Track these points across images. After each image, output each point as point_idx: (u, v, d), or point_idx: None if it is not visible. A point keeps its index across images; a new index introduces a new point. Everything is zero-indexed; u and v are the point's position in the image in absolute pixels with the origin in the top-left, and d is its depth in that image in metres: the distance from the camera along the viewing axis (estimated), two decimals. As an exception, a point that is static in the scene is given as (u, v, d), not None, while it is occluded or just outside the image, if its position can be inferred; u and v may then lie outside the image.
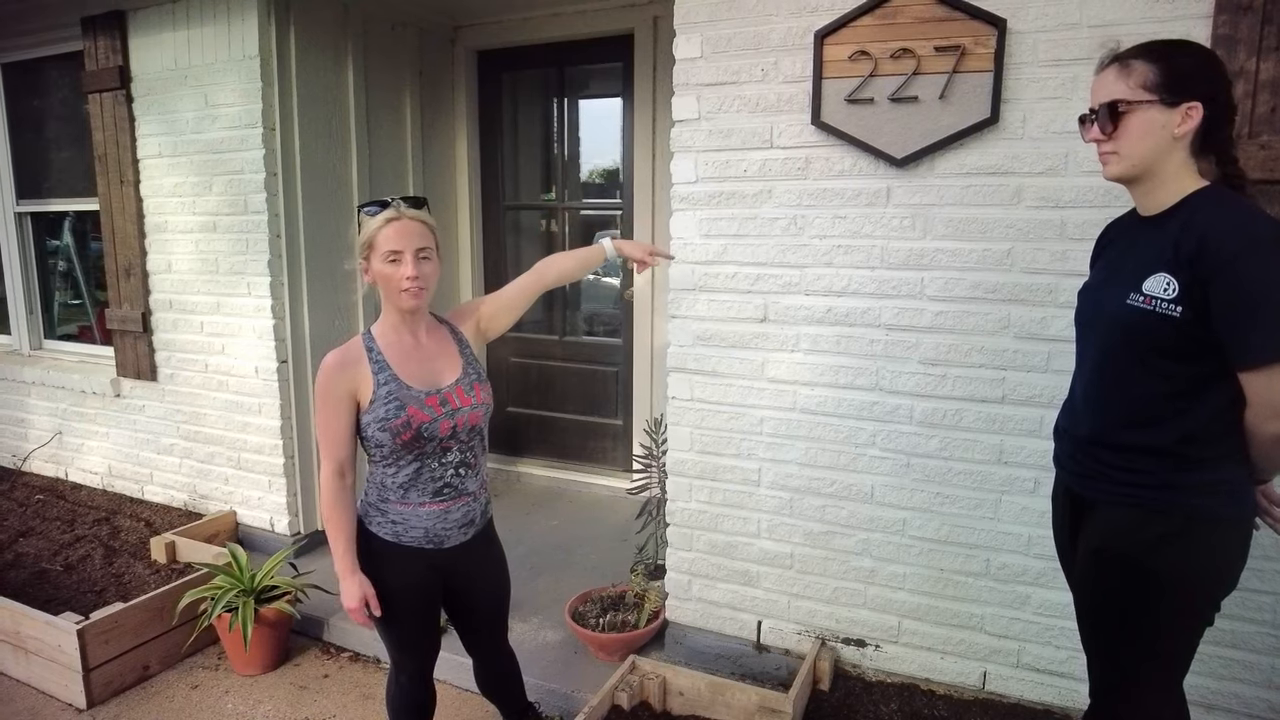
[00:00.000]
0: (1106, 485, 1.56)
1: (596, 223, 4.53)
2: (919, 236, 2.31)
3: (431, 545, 1.87)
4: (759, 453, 2.58)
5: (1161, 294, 1.42)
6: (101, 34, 3.66)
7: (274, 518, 3.63)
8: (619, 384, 4.33)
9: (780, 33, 2.37)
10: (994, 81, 2.15)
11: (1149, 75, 1.44)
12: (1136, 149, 1.47)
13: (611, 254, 2.10)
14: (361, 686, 2.82)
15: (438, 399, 1.83)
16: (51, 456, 4.44)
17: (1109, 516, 1.56)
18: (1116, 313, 1.50)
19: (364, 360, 1.81)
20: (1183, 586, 1.48)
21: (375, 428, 1.79)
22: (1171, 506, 1.47)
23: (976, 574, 2.39)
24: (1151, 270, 1.45)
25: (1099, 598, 1.59)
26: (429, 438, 1.80)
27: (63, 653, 2.69)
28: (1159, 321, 1.43)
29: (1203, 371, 1.43)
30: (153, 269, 3.77)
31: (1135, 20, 2.01)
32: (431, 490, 1.85)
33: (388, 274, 1.79)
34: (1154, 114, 1.44)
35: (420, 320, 1.90)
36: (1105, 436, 1.56)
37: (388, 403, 1.78)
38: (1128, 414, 1.52)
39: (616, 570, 3.27)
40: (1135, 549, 1.50)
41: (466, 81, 4.36)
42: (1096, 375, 1.58)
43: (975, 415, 2.32)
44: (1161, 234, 1.47)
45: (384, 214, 1.79)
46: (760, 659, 2.67)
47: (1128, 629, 1.54)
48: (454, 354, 1.92)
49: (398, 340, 1.86)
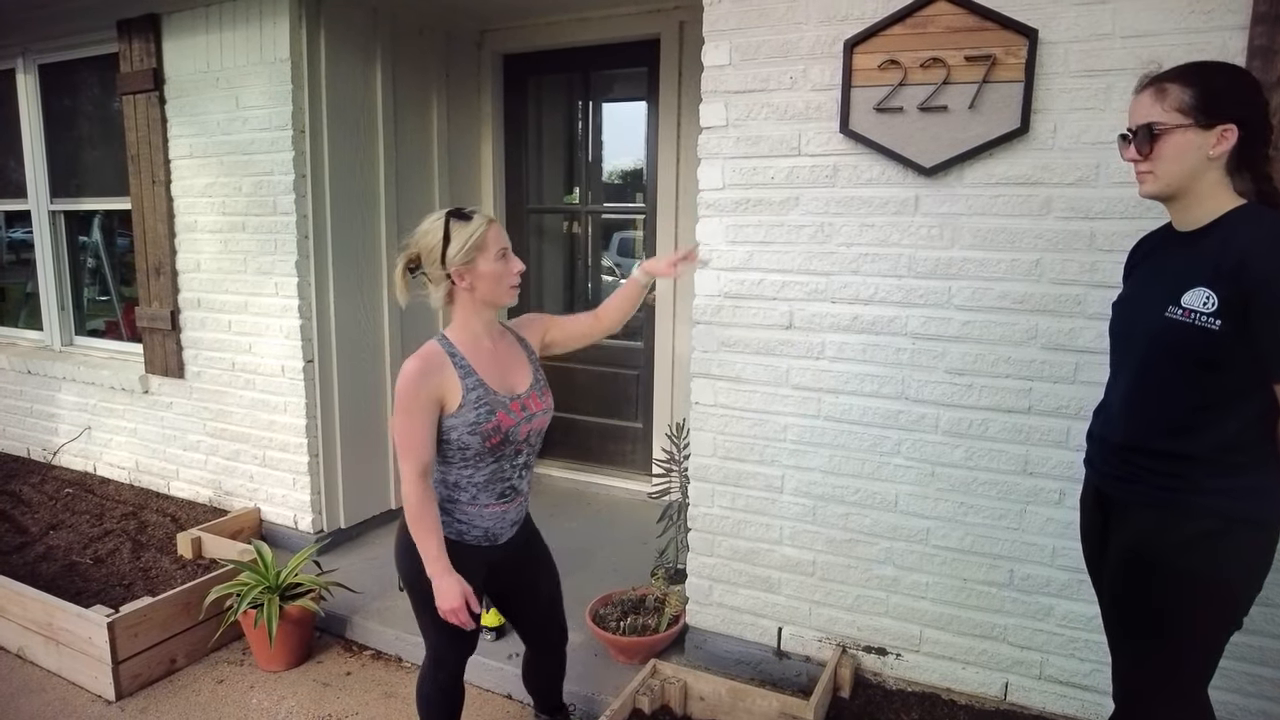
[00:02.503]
0: (1142, 488, 1.59)
1: (618, 226, 4.55)
2: (947, 246, 2.30)
3: (488, 543, 1.97)
4: (782, 459, 2.58)
5: (1201, 308, 1.46)
6: (136, 37, 3.72)
7: (298, 515, 3.67)
8: (639, 387, 4.35)
9: (809, 41, 2.37)
10: (1025, 91, 2.14)
11: (1184, 98, 1.48)
12: (1171, 170, 1.51)
13: (645, 280, 2.27)
14: (383, 685, 2.85)
15: (519, 404, 1.91)
16: (81, 451, 4.52)
17: (1143, 518, 1.59)
18: (1155, 325, 1.54)
19: (448, 365, 1.84)
20: (1213, 586, 1.52)
21: (464, 431, 1.83)
22: (1204, 509, 1.51)
23: (1000, 584, 2.38)
24: (1191, 284, 1.48)
25: (1131, 598, 1.63)
26: (511, 440, 1.89)
27: (93, 645, 2.74)
28: (1198, 334, 1.46)
29: (1237, 383, 1.47)
30: (182, 268, 3.83)
31: (1169, 31, 1.99)
32: (498, 492, 1.94)
33: (499, 271, 1.85)
34: (1190, 136, 1.48)
35: (494, 325, 1.97)
36: (1142, 443, 1.59)
37: (478, 407, 1.84)
38: (1165, 422, 1.56)
39: (637, 573, 3.28)
40: (1168, 549, 1.54)
41: (492, 85, 4.39)
42: (1134, 385, 1.62)
43: (1001, 425, 2.31)
44: (1200, 250, 1.51)
45: (480, 218, 1.85)
46: (781, 665, 2.67)
47: (1158, 629, 1.58)
48: (524, 361, 2.00)
49: (476, 346, 1.90)
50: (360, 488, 3.84)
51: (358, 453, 3.80)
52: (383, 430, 3.93)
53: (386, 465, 3.97)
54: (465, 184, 4.37)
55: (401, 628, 3.01)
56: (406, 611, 3.08)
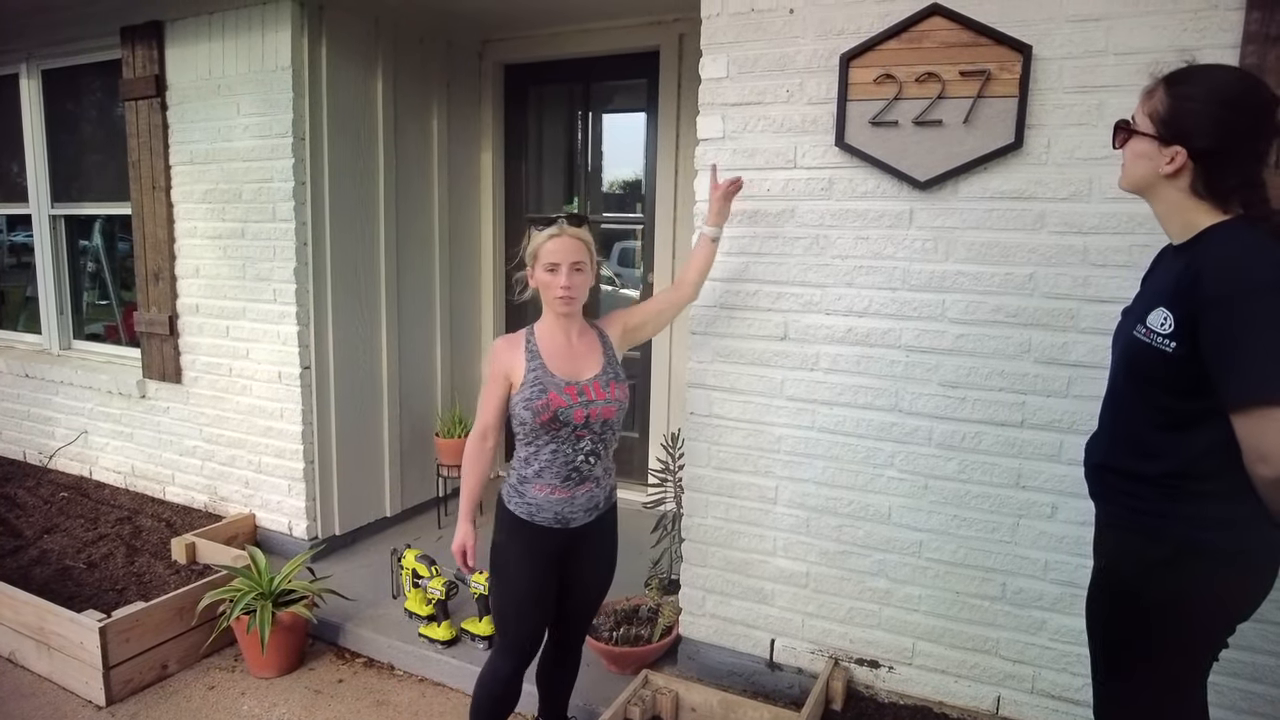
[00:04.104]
0: (1112, 508, 1.59)
1: (619, 236, 4.57)
2: (941, 259, 2.31)
3: (559, 525, 2.07)
4: (776, 470, 2.59)
5: (1159, 328, 1.42)
6: (140, 43, 3.75)
7: (292, 522, 3.66)
8: (636, 396, 4.35)
9: (806, 54, 2.39)
10: (1019, 106, 2.16)
11: (1158, 108, 1.45)
12: (1132, 170, 1.53)
13: (715, 233, 2.40)
14: (376, 693, 2.84)
15: (575, 389, 2.04)
16: (77, 455, 4.52)
17: (1113, 537, 1.59)
18: (1126, 343, 1.54)
19: (521, 348, 2.07)
20: (1172, 615, 1.48)
21: (521, 405, 2.02)
22: (1163, 534, 1.47)
23: (992, 598, 2.38)
24: (1156, 304, 1.45)
25: (1100, 615, 1.62)
26: (565, 422, 2.01)
27: (84, 650, 2.73)
28: (1154, 355, 1.43)
29: (1197, 407, 1.41)
30: (181, 273, 3.84)
31: (1162, 49, 2.01)
32: (563, 475, 2.05)
33: (546, 282, 2.04)
34: (1146, 147, 1.47)
35: (574, 323, 2.13)
36: (1111, 461, 1.59)
37: (533, 385, 2.02)
38: (1127, 442, 1.55)
39: (630, 583, 3.26)
40: (1131, 573, 1.53)
41: (493, 94, 4.42)
42: (1106, 402, 1.64)
43: (994, 439, 2.32)
44: (1173, 267, 1.48)
45: (549, 229, 2.04)
46: (773, 677, 2.67)
47: (1119, 658, 1.57)
48: (598, 354, 2.14)
49: (551, 337, 2.10)
50: (356, 495, 3.84)
51: (354, 460, 3.80)
52: (379, 437, 3.93)
53: (382, 472, 3.97)
54: (465, 193, 4.39)
55: (395, 636, 3.00)
56: (399, 620, 3.09)
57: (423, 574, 2.99)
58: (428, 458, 4.20)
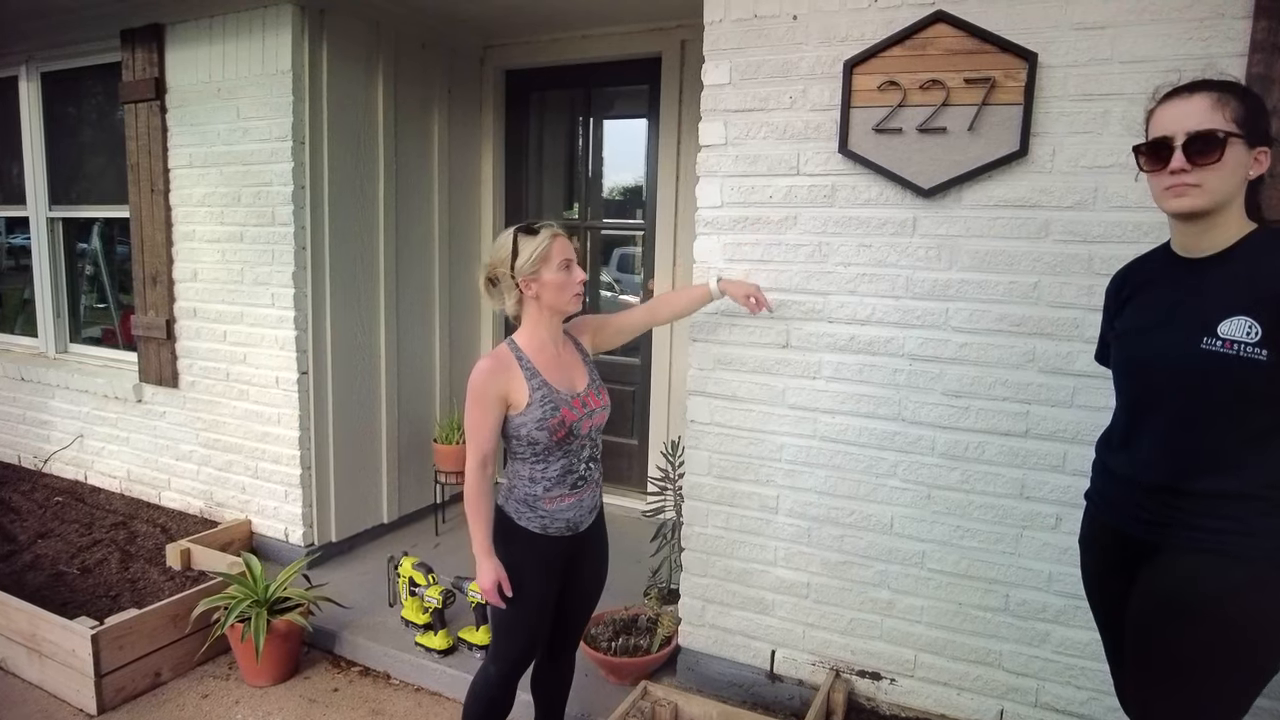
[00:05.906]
0: (1180, 532, 1.48)
1: (618, 242, 4.55)
2: (945, 267, 2.30)
3: (570, 532, 2.06)
4: (777, 479, 2.56)
5: (1244, 338, 1.38)
6: (140, 46, 3.73)
7: (289, 528, 3.64)
8: (636, 403, 4.33)
9: (809, 61, 2.38)
10: (1024, 114, 2.14)
11: (1241, 112, 1.40)
12: (1225, 184, 1.41)
13: (717, 294, 2.39)
14: (371, 701, 2.81)
15: (579, 401, 2.03)
16: (72, 459, 4.49)
17: (1184, 563, 1.48)
18: (1189, 358, 1.44)
19: (515, 367, 1.99)
20: (1260, 634, 1.42)
21: (533, 427, 1.96)
22: (1254, 552, 1.41)
23: (996, 609, 2.36)
24: (1227, 313, 1.40)
25: (1166, 644, 1.51)
26: (575, 435, 2.00)
27: (76, 657, 2.70)
28: (1243, 365, 1.38)
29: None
30: (179, 277, 3.82)
31: (1168, 57, 2.00)
32: (570, 484, 2.04)
33: (561, 281, 1.99)
34: (1241, 151, 1.41)
35: (559, 331, 2.10)
36: (1180, 483, 1.48)
37: (544, 405, 1.96)
38: (1206, 460, 1.46)
39: (630, 592, 3.24)
40: (1209, 597, 1.43)
41: (494, 100, 4.41)
42: (1171, 422, 1.51)
43: (998, 448, 2.30)
44: (1225, 276, 1.43)
45: (546, 231, 2.00)
46: (773, 688, 2.64)
47: (1185, 680, 1.48)
48: (581, 363, 2.13)
49: (540, 350, 2.04)
50: (353, 501, 3.81)
51: (351, 466, 3.77)
52: (377, 444, 3.90)
53: (380, 479, 3.95)
54: (465, 198, 4.37)
55: (391, 644, 2.97)
56: (396, 628, 3.06)
57: (420, 582, 2.96)
58: (426, 464, 4.17)
